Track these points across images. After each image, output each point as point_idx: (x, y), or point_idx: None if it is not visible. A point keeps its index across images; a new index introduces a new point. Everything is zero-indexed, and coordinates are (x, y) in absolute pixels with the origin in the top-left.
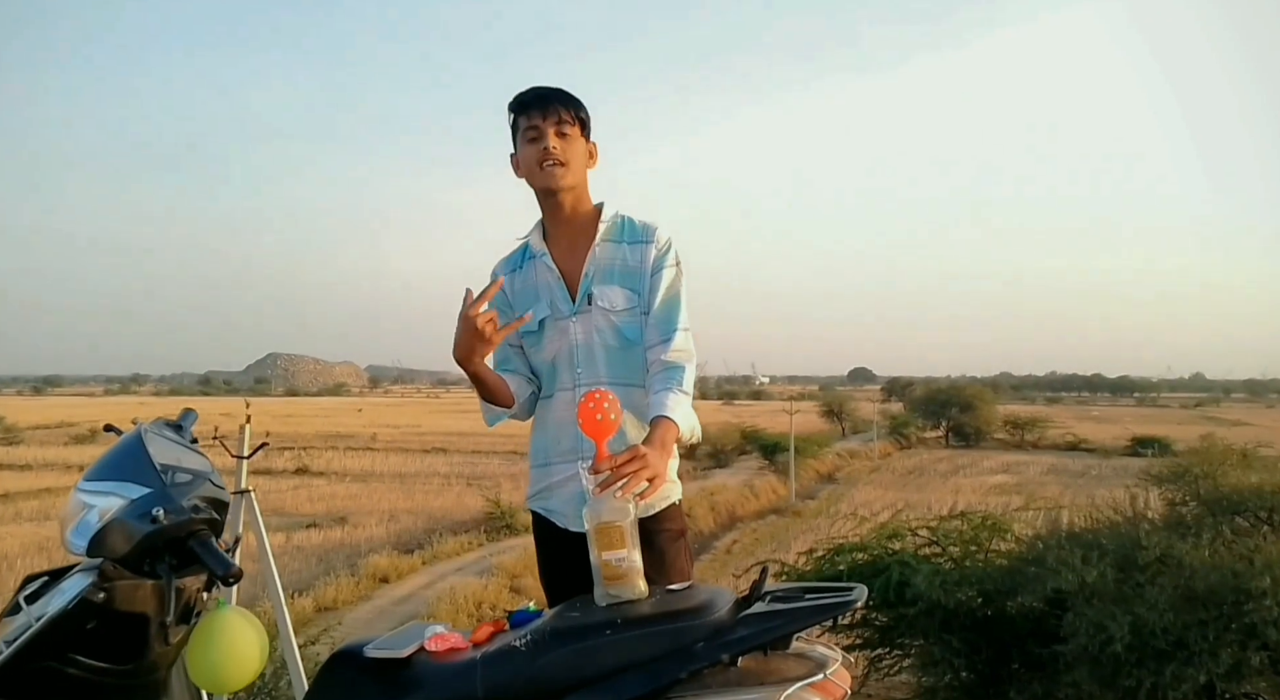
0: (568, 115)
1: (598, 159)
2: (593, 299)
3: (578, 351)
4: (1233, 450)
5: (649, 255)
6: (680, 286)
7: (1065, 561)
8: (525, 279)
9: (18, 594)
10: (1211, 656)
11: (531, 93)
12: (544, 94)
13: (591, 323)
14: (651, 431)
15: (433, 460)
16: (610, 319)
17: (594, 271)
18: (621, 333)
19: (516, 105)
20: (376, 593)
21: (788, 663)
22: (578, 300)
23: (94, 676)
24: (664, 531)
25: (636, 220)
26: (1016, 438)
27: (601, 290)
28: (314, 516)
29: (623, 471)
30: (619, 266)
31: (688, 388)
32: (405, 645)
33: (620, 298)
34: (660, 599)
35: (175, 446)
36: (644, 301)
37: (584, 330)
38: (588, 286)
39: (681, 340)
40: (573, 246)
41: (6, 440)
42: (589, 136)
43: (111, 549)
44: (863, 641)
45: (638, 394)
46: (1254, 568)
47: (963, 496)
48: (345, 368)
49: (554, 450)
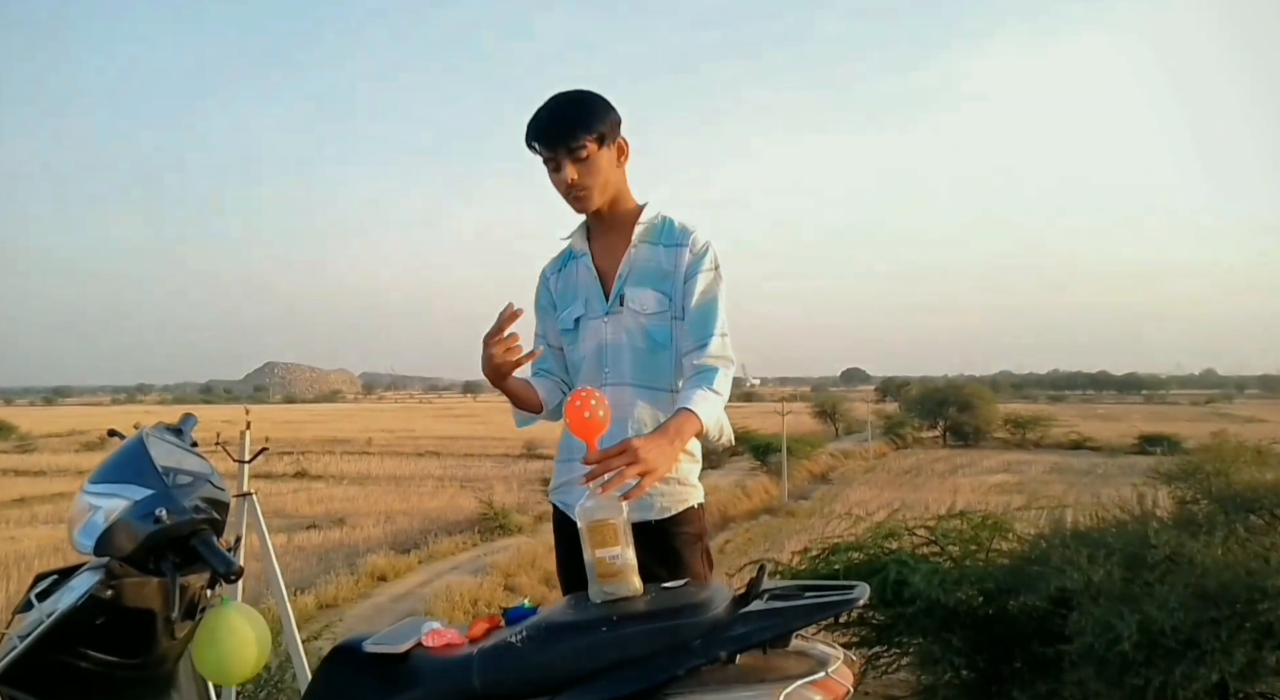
0: (580, 141)
1: (629, 154)
2: (624, 300)
3: (607, 351)
4: (1246, 447)
5: (683, 259)
6: (717, 291)
7: (1070, 560)
8: (567, 279)
9: (30, 592)
10: (1224, 655)
11: (541, 121)
12: (552, 124)
13: (622, 323)
14: (663, 423)
15: (427, 463)
16: (640, 321)
17: (628, 272)
18: (650, 335)
19: (530, 133)
20: (375, 591)
21: (788, 660)
22: (610, 300)
23: (104, 670)
24: (680, 534)
25: (677, 222)
26: (1018, 437)
27: (633, 291)
28: (314, 518)
29: (609, 465)
30: (653, 268)
31: (719, 388)
32: (403, 641)
33: (651, 300)
34: (657, 596)
35: (176, 450)
36: (675, 305)
37: (614, 331)
38: (621, 287)
39: (717, 345)
40: (613, 247)
41: (21, 448)
42: (614, 141)
43: (117, 548)
44: (860, 639)
45: (663, 398)
46: (1269, 566)
47: (962, 496)
48: (340, 375)
49: (578, 447)
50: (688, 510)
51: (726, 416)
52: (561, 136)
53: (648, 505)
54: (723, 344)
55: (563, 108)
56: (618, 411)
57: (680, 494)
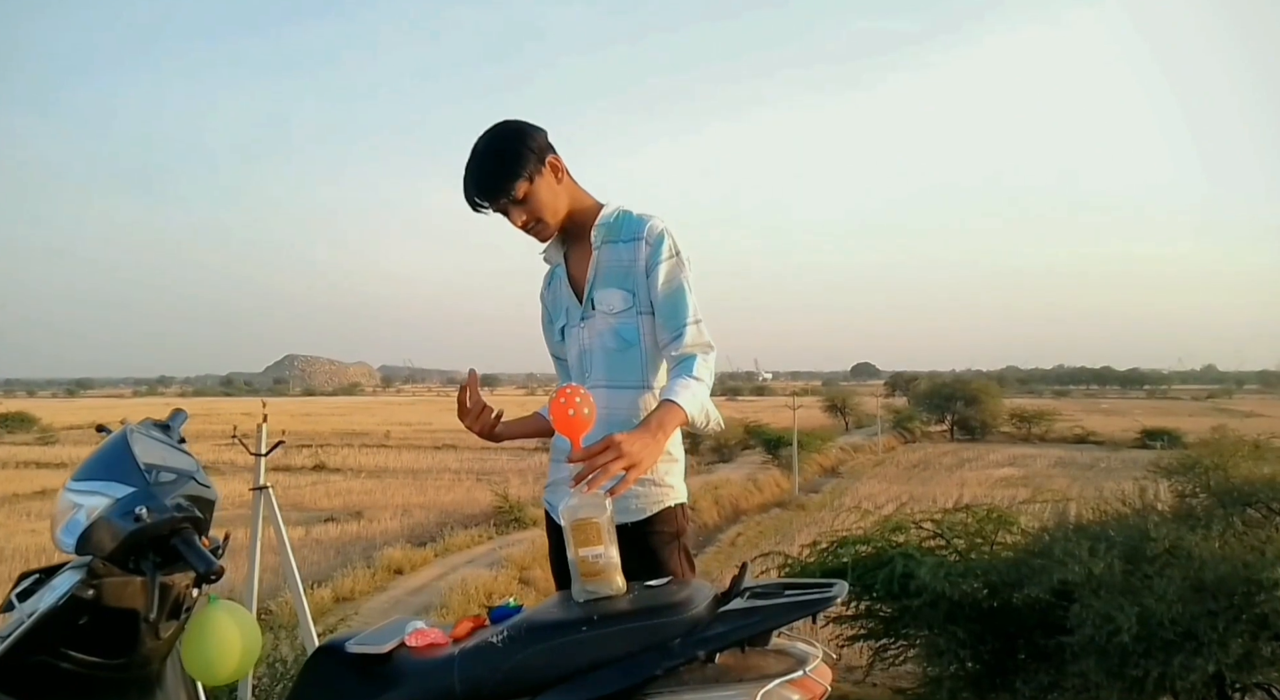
0: (512, 188)
1: (564, 168)
2: (594, 303)
3: (585, 356)
4: (1244, 442)
5: (640, 252)
6: (681, 277)
7: (1072, 553)
8: (554, 293)
9: (11, 591)
10: (1221, 647)
11: (470, 184)
12: (481, 183)
13: (595, 327)
14: (647, 416)
15: (444, 456)
16: (609, 321)
17: (594, 275)
18: (619, 334)
19: (467, 196)
20: (392, 584)
21: (766, 659)
22: (584, 306)
23: (87, 671)
24: (656, 534)
25: (635, 213)
26: (1023, 431)
27: (601, 293)
28: (331, 511)
29: (594, 463)
30: (615, 267)
31: (700, 374)
32: (386, 641)
33: (617, 299)
34: (638, 595)
35: (161, 446)
36: (640, 300)
37: (590, 335)
38: (590, 291)
39: (692, 334)
40: (583, 253)
41: (43, 440)
42: (543, 168)
43: (99, 547)
44: (867, 632)
45: (642, 397)
46: (1266, 559)
47: (968, 490)
48: (359, 368)
49: (567, 446)
50: (664, 511)
51: (713, 403)
52: (494, 191)
53: (623, 507)
54: (698, 331)
55: (483, 164)
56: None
57: (656, 495)
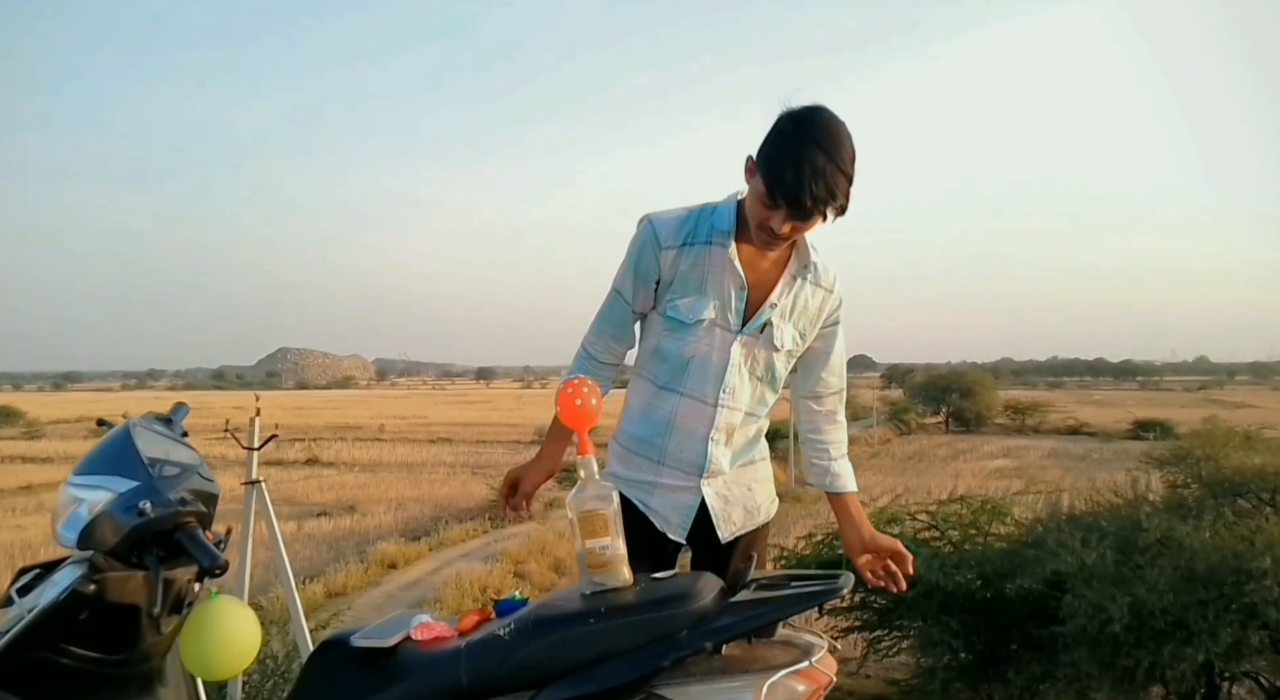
0: (824, 214)
1: None
2: (767, 329)
3: (730, 372)
4: (1235, 432)
5: (829, 305)
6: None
7: (1064, 544)
8: (695, 262)
9: (11, 587)
10: (1211, 636)
11: (803, 193)
12: (814, 202)
13: (754, 350)
14: (863, 517)
15: (438, 450)
16: (772, 355)
17: (789, 305)
18: (774, 369)
19: (784, 194)
20: (385, 579)
21: (773, 650)
22: (750, 322)
23: (87, 666)
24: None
25: (819, 261)
26: (1017, 423)
27: (781, 325)
28: (324, 505)
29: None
30: (806, 307)
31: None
32: (391, 634)
33: (790, 339)
34: (645, 587)
35: (164, 440)
36: (801, 346)
37: (744, 354)
38: (768, 314)
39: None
40: (760, 259)
41: (29, 434)
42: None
43: (101, 542)
44: (862, 623)
45: (757, 424)
46: (1255, 548)
47: (963, 481)
48: (353, 361)
49: (671, 455)
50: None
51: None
52: (813, 213)
53: (762, 509)
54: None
55: (843, 165)
56: (719, 432)
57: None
